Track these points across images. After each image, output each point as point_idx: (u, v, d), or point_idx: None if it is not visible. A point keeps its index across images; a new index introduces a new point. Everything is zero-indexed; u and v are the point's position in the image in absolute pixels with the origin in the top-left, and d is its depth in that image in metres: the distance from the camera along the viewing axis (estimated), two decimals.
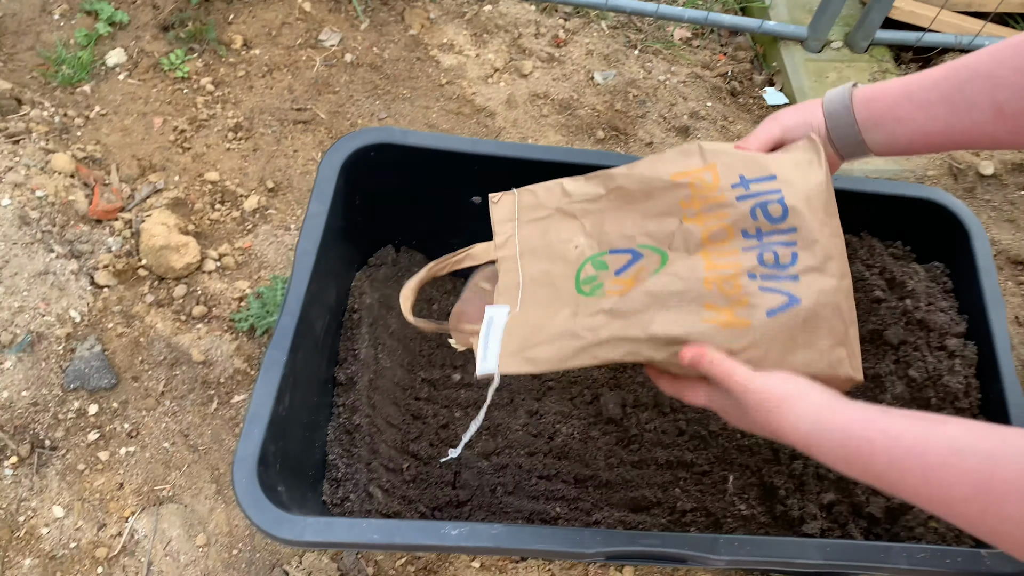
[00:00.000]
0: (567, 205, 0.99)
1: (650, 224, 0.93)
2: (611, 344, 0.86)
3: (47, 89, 1.85)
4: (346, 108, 1.95)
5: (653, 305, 0.86)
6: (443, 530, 0.98)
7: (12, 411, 1.39)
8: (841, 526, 1.16)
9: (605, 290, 0.92)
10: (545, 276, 0.97)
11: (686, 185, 0.90)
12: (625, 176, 0.95)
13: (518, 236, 1.01)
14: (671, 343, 0.83)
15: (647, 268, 0.91)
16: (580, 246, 0.97)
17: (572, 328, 0.89)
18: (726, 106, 2.10)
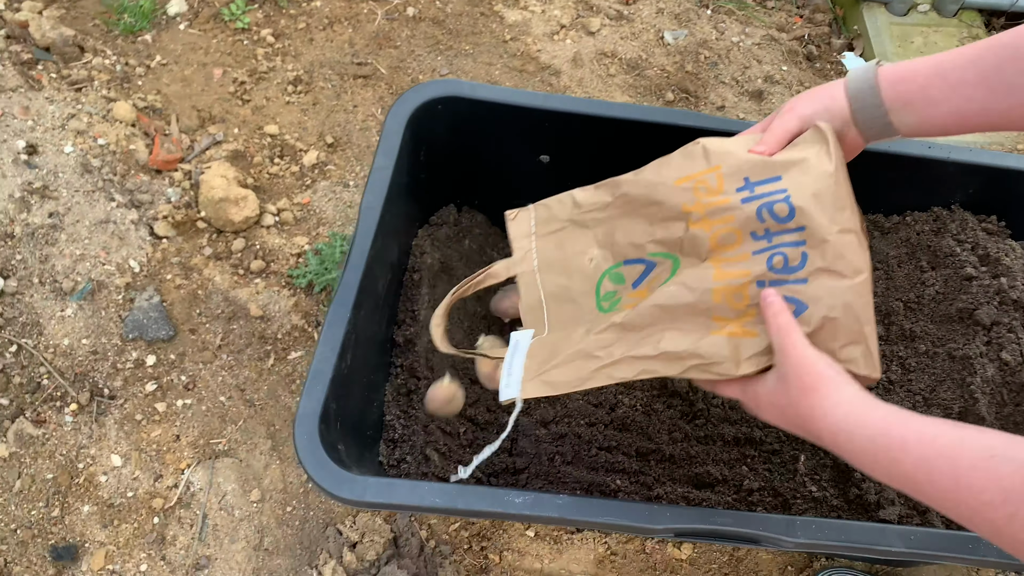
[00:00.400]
0: (578, 216, 0.97)
1: (658, 230, 0.90)
2: (625, 363, 0.85)
3: (109, 37, 1.84)
4: (407, 63, 1.90)
5: (662, 319, 0.84)
6: (507, 498, 0.95)
7: (73, 358, 1.39)
8: (921, 514, 1.10)
9: (622, 304, 0.91)
10: (565, 292, 0.96)
11: (689, 189, 0.87)
12: (631, 183, 0.92)
13: (536, 250, 1.00)
14: (683, 358, 0.82)
15: (660, 277, 0.89)
16: (595, 258, 0.95)
17: (586, 347, 0.88)
18: (802, 71, 2.00)
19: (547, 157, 1.33)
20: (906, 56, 2.00)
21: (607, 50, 1.96)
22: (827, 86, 0.90)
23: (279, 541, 1.32)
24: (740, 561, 1.36)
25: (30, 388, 1.36)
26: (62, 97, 1.63)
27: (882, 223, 1.35)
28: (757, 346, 0.79)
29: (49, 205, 1.46)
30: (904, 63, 0.84)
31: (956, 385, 1.18)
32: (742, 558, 1.36)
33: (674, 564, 1.35)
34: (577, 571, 1.34)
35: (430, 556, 1.31)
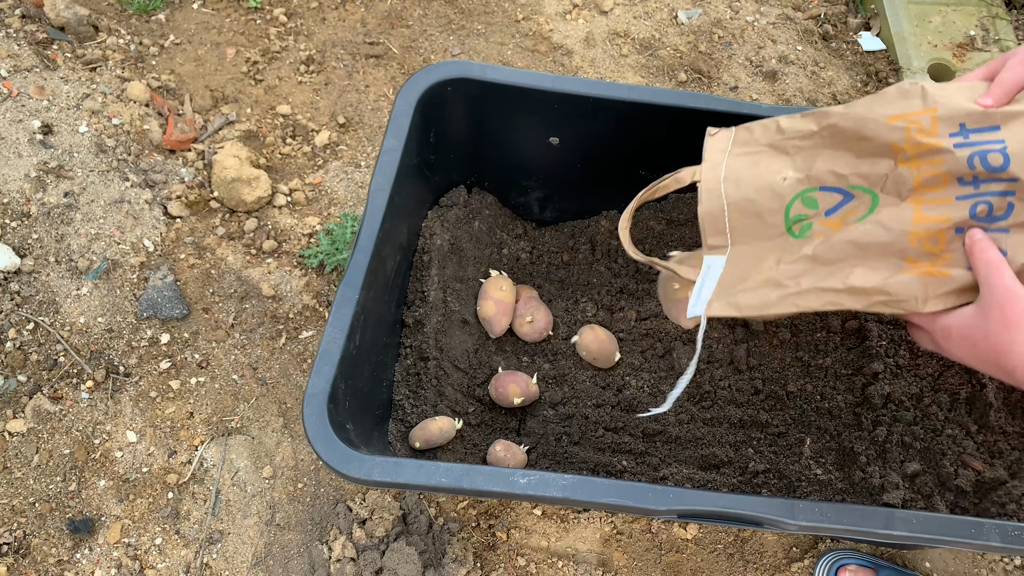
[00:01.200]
0: (780, 141, 0.97)
1: (863, 165, 0.90)
2: (812, 294, 0.87)
3: (123, 16, 1.84)
4: (419, 43, 1.90)
5: (855, 255, 0.86)
6: (512, 477, 0.96)
7: (89, 336, 1.41)
8: (925, 497, 1.11)
9: (813, 231, 0.92)
10: (751, 205, 0.96)
11: (902, 128, 0.86)
12: (840, 115, 0.91)
13: (726, 164, 1.00)
14: (870, 293, 0.84)
15: (856, 211, 0.90)
16: (789, 179, 0.95)
17: (775, 276, 0.90)
18: (817, 51, 1.98)
19: (557, 139, 1.33)
20: (924, 36, 1.98)
21: (620, 30, 1.94)
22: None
23: (290, 517, 1.34)
24: (745, 542, 1.37)
25: (47, 365, 1.39)
26: (77, 77, 1.64)
27: None
28: (947, 286, 0.81)
29: (64, 185, 1.48)
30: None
31: (964, 369, 1.18)
32: (747, 539, 1.37)
33: (679, 544, 1.36)
34: (583, 550, 1.36)
35: (438, 533, 1.33)
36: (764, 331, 1.36)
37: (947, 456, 1.12)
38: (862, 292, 0.84)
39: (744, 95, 1.88)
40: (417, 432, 1.23)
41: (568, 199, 1.47)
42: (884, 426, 1.16)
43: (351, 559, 1.27)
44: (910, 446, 1.14)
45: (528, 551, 1.35)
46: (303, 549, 1.32)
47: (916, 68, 1.93)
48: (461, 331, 1.36)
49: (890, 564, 1.33)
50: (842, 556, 1.33)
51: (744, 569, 1.35)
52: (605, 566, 1.35)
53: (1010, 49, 1.94)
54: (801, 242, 0.92)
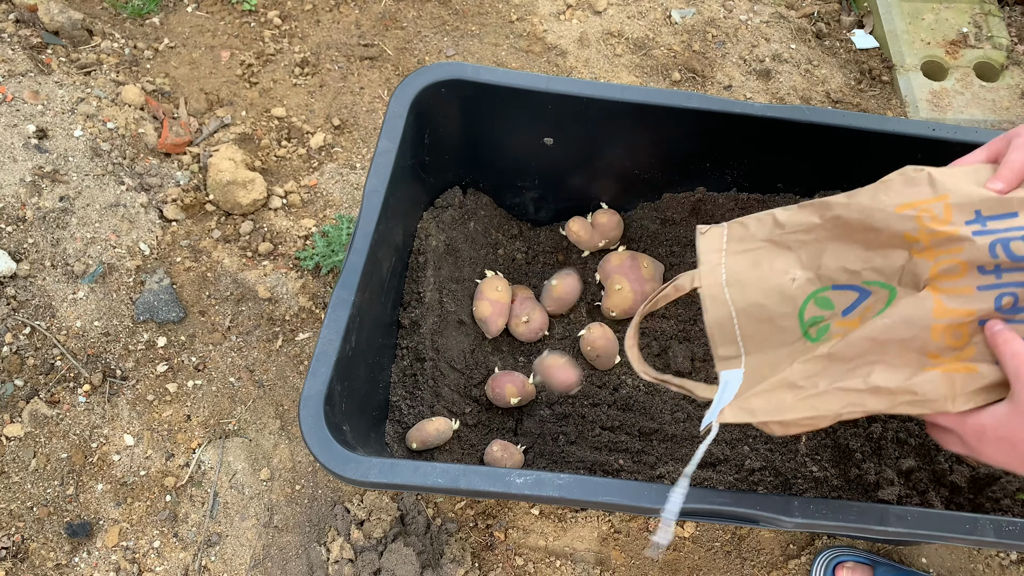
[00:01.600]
0: (780, 236, 0.92)
1: (875, 258, 0.85)
2: (831, 395, 0.81)
3: (117, 20, 1.85)
4: (413, 44, 1.90)
5: (873, 351, 0.80)
6: (508, 477, 0.96)
7: (85, 340, 1.42)
8: (920, 493, 1.11)
9: (831, 333, 0.86)
10: (760, 311, 0.91)
11: (913, 217, 0.81)
12: (843, 205, 0.87)
13: (725, 265, 0.95)
14: (895, 393, 0.78)
15: (873, 307, 0.85)
16: (798, 279, 0.90)
17: (790, 377, 0.84)
18: (811, 49, 1.98)
19: (551, 140, 1.33)
20: (917, 33, 1.98)
21: (614, 29, 1.95)
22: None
23: (288, 519, 1.35)
24: (743, 539, 1.37)
25: (44, 369, 1.39)
26: (71, 81, 1.64)
27: None
28: (976, 382, 0.76)
29: (60, 189, 1.48)
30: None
31: None
32: (744, 536, 1.37)
33: (677, 542, 1.37)
34: (581, 549, 1.36)
35: (436, 534, 1.33)
36: None
37: (942, 452, 1.12)
38: (887, 392, 0.79)
39: (738, 94, 1.88)
40: (414, 433, 1.24)
41: (563, 199, 1.47)
42: (879, 422, 1.17)
43: (349, 560, 1.27)
44: (905, 442, 1.14)
45: (526, 551, 1.36)
46: (301, 551, 1.32)
47: (909, 65, 1.94)
48: (457, 332, 1.37)
49: (887, 560, 1.34)
50: (839, 553, 1.34)
51: (742, 566, 1.36)
52: (603, 565, 1.35)
53: (1002, 45, 1.95)
54: (818, 344, 0.86)
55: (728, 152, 1.34)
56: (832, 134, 1.25)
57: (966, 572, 1.36)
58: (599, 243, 1.43)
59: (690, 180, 1.41)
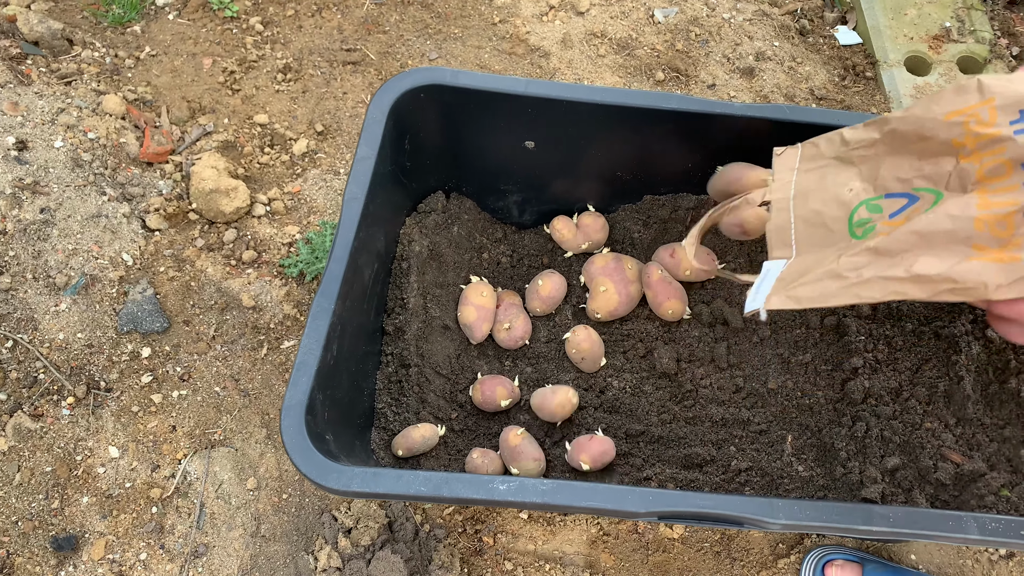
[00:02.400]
0: (845, 153, 0.98)
1: (926, 165, 0.90)
2: (874, 283, 0.85)
3: (98, 29, 1.84)
4: (396, 48, 1.89)
5: (919, 245, 0.84)
6: (492, 484, 0.96)
7: (68, 352, 1.41)
8: (905, 491, 1.11)
9: (876, 232, 0.91)
10: (816, 216, 0.97)
11: (960, 124, 0.85)
12: (899, 119, 0.92)
13: (795, 181, 1.02)
14: (936, 281, 0.82)
15: (919, 209, 0.89)
16: (855, 189, 0.96)
17: (836, 268, 0.88)
18: (794, 46, 1.98)
19: (532, 143, 1.33)
20: (900, 29, 1.98)
21: (596, 30, 1.94)
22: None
23: (275, 528, 1.34)
24: (732, 539, 1.37)
25: (27, 383, 1.38)
26: (51, 91, 1.63)
27: None
28: (1020, 271, 0.78)
29: (40, 200, 1.47)
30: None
31: (941, 363, 1.18)
32: (733, 536, 1.37)
33: (666, 543, 1.37)
34: (570, 552, 1.36)
35: (424, 540, 1.32)
36: (744, 328, 1.36)
37: (926, 450, 1.12)
38: (927, 280, 0.82)
39: (722, 92, 1.88)
40: (399, 440, 1.23)
41: (547, 201, 1.47)
42: (864, 421, 1.17)
43: (337, 569, 1.27)
44: (889, 440, 1.14)
45: (515, 555, 1.35)
46: (289, 560, 1.31)
47: (893, 61, 1.94)
48: (442, 337, 1.36)
49: (876, 558, 1.34)
50: (828, 551, 1.34)
51: (731, 567, 1.35)
52: (592, 568, 1.35)
53: (985, 39, 1.95)
54: (864, 240, 0.91)
55: (710, 152, 1.34)
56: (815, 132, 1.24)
57: (955, 568, 1.36)
58: (582, 244, 1.43)
59: (672, 181, 1.41)
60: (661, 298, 1.35)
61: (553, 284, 1.39)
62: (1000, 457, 1.10)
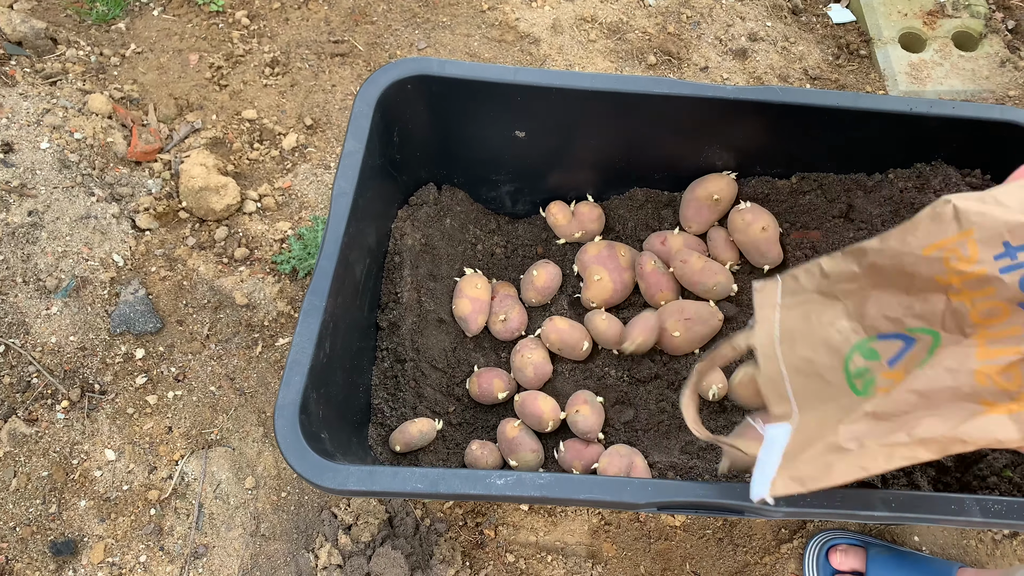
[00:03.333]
0: (827, 286, 0.90)
1: (916, 304, 0.83)
2: (878, 453, 0.78)
3: (82, 27, 1.81)
4: (384, 39, 1.87)
5: (920, 405, 0.77)
6: (489, 479, 0.95)
7: (61, 355, 1.40)
8: (907, 474, 1.10)
9: (877, 386, 0.84)
10: (809, 365, 0.89)
11: (940, 260, 0.78)
12: (876, 251, 0.85)
13: (778, 321, 0.94)
14: (943, 442, 0.75)
15: (917, 356, 0.82)
16: (843, 331, 0.88)
17: (836, 441, 0.81)
18: (787, 26, 1.96)
19: (523, 132, 1.31)
20: (893, 5, 1.96)
21: (586, 15, 1.92)
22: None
23: (275, 526, 1.33)
24: (734, 526, 1.36)
25: (20, 387, 1.37)
26: (36, 92, 1.61)
27: (864, 182, 1.33)
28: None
29: (28, 203, 1.45)
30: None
31: None
32: (736, 523, 1.36)
33: (668, 531, 1.36)
34: (572, 543, 1.35)
35: (425, 535, 1.32)
36: (741, 313, 1.35)
37: None
38: (933, 441, 0.75)
39: (715, 75, 1.86)
40: (397, 436, 1.22)
41: (539, 191, 1.45)
42: None
43: (338, 566, 1.26)
44: None
45: (517, 547, 1.35)
46: (289, 558, 1.31)
47: (887, 38, 1.92)
48: (437, 331, 1.35)
49: (879, 541, 1.33)
50: (832, 536, 1.33)
51: (734, 553, 1.35)
52: (595, 558, 1.34)
53: (980, 14, 1.93)
54: (864, 399, 0.84)
55: (702, 136, 1.32)
56: (806, 114, 1.23)
57: (958, 548, 1.35)
58: (576, 233, 1.41)
59: (665, 167, 1.39)
60: (654, 289, 1.34)
61: (548, 274, 1.38)
62: None
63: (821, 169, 1.36)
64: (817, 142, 1.30)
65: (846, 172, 1.34)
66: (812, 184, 1.36)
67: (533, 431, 1.27)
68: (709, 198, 1.35)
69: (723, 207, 1.37)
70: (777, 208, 1.38)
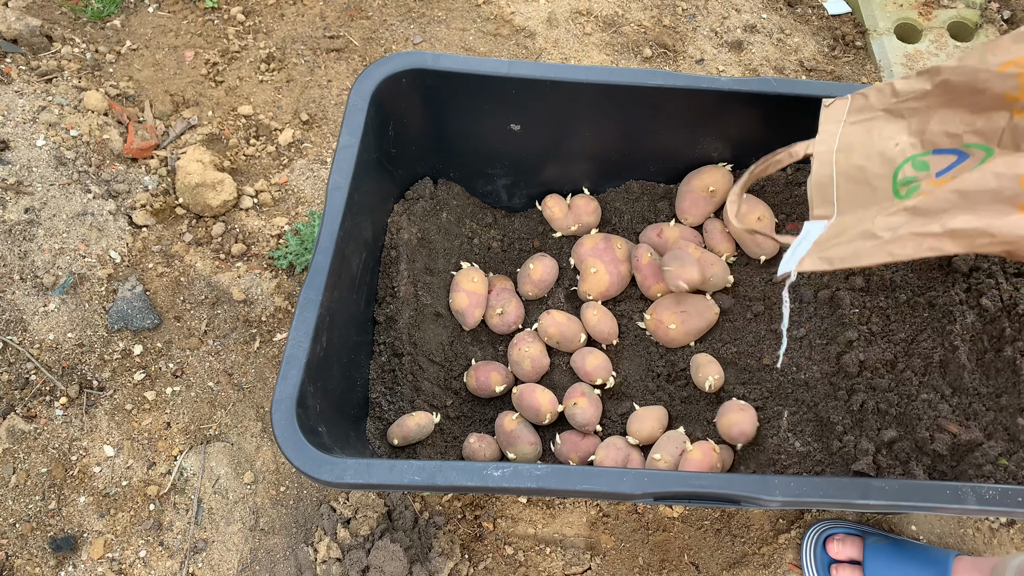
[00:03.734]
0: (895, 104, 0.94)
1: (978, 120, 0.85)
2: (907, 240, 0.80)
3: (77, 25, 1.81)
4: (380, 33, 1.87)
5: (959, 204, 0.78)
6: (486, 471, 0.95)
7: (59, 352, 1.40)
8: (903, 463, 1.11)
9: (920, 191, 0.86)
10: (860, 172, 0.93)
11: (1014, 76, 0.80)
12: (952, 69, 0.87)
13: (840, 134, 0.98)
14: (972, 235, 0.77)
15: (967, 167, 0.84)
16: (901, 144, 0.91)
17: (871, 228, 0.84)
18: (783, 17, 1.96)
19: (518, 125, 1.31)
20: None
21: (582, 8, 1.92)
22: None
23: (274, 521, 1.34)
24: (732, 517, 1.37)
25: (19, 384, 1.37)
26: (32, 90, 1.61)
27: None
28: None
29: (24, 201, 1.46)
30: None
31: (936, 333, 1.17)
32: (733, 514, 1.37)
33: (666, 523, 1.36)
34: (570, 534, 1.36)
35: (424, 528, 1.32)
36: (737, 305, 1.36)
37: (923, 421, 1.12)
38: (963, 234, 0.77)
39: (710, 67, 1.86)
40: (395, 429, 1.23)
41: (535, 184, 1.46)
42: (860, 394, 1.16)
43: (337, 559, 1.26)
44: (886, 413, 1.14)
45: (515, 539, 1.35)
46: (288, 552, 1.31)
47: (882, 29, 1.91)
48: (435, 324, 1.35)
49: (877, 530, 1.33)
50: (829, 526, 1.34)
51: (732, 544, 1.35)
52: (593, 549, 1.35)
53: (976, 4, 1.92)
54: (905, 200, 0.86)
55: (698, 128, 1.32)
56: (801, 104, 1.23)
57: (956, 537, 1.36)
58: (571, 226, 1.42)
59: (661, 159, 1.39)
60: (650, 281, 1.34)
61: (544, 268, 1.38)
62: (997, 426, 1.10)
63: None
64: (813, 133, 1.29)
65: None
66: (807, 175, 1.36)
67: (531, 424, 1.28)
68: (705, 190, 1.35)
69: (719, 199, 1.37)
70: (773, 199, 1.38)
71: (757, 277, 1.36)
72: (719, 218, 1.40)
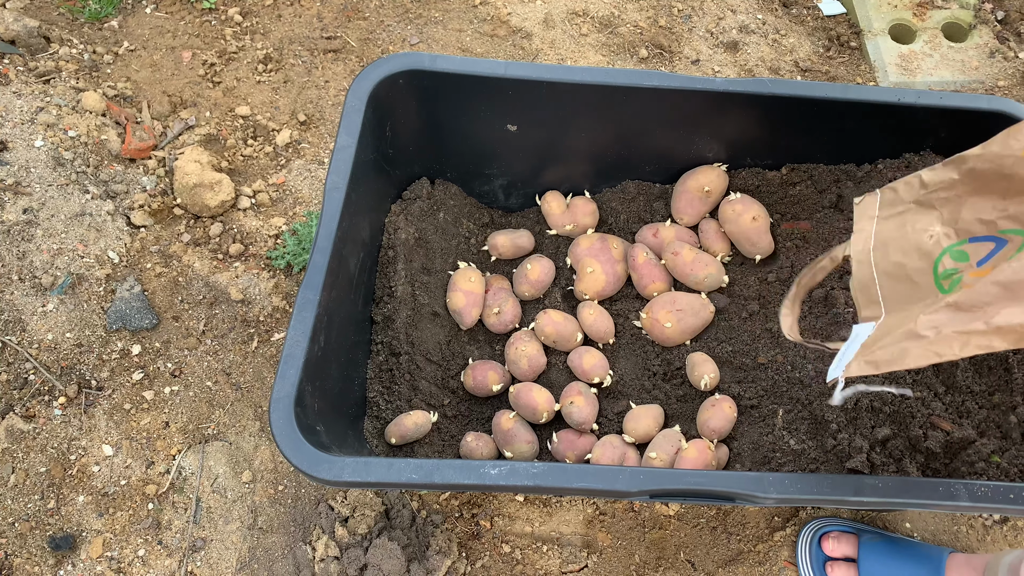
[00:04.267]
0: (924, 196, 0.94)
1: (1011, 205, 0.85)
2: (953, 340, 0.78)
3: (75, 26, 1.82)
4: (377, 34, 1.88)
5: (1002, 297, 0.76)
6: (483, 469, 0.96)
7: (58, 352, 1.40)
8: (896, 461, 1.11)
9: (963, 284, 0.85)
10: (899, 269, 0.93)
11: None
12: (977, 157, 0.87)
13: (875, 231, 0.98)
14: (1017, 332, 0.75)
15: (1005, 255, 0.84)
16: (935, 235, 0.91)
17: (914, 328, 0.82)
18: (778, 18, 1.97)
19: (515, 126, 1.32)
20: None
21: (578, 9, 1.93)
22: None
23: (272, 519, 1.34)
24: (727, 514, 1.38)
25: (17, 384, 1.38)
26: (30, 90, 1.62)
27: (854, 172, 1.34)
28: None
29: (23, 201, 1.46)
30: None
31: None
32: (729, 512, 1.38)
33: (662, 520, 1.37)
34: (567, 532, 1.36)
35: (422, 526, 1.33)
36: (733, 304, 1.36)
37: (916, 419, 1.12)
38: (1011, 331, 0.75)
39: (706, 68, 1.87)
40: (392, 428, 1.23)
41: (532, 184, 1.46)
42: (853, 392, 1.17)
43: (335, 558, 1.27)
44: (879, 411, 1.15)
45: (513, 537, 1.36)
46: (287, 551, 1.32)
47: (877, 30, 1.92)
48: (432, 324, 1.36)
49: (871, 528, 1.34)
50: (824, 523, 1.35)
51: (728, 541, 1.36)
52: (590, 547, 1.35)
53: (970, 4, 1.94)
54: (947, 294, 0.85)
55: (693, 129, 1.33)
56: (796, 105, 1.24)
57: (949, 534, 1.37)
58: (567, 225, 1.42)
59: (656, 159, 1.40)
60: (646, 281, 1.35)
61: (541, 268, 1.39)
62: (990, 423, 1.11)
63: (811, 160, 1.37)
64: (807, 133, 1.31)
65: (836, 163, 1.35)
66: (802, 175, 1.37)
67: (528, 423, 1.29)
68: (700, 190, 1.36)
69: (714, 199, 1.38)
70: (768, 199, 1.39)
71: (752, 276, 1.37)
72: (714, 218, 1.41)
